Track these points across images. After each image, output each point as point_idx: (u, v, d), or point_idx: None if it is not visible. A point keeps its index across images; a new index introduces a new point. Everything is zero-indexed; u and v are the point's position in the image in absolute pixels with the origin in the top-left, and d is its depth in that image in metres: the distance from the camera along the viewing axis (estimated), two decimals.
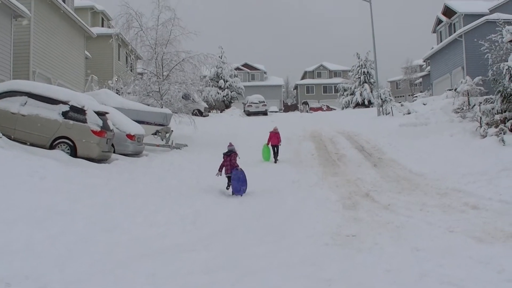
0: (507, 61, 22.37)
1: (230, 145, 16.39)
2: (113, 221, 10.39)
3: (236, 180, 15.26)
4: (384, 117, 36.79)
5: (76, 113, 17.21)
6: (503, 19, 33.24)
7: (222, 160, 16.06)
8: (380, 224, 10.85)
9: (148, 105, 26.74)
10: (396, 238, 9.59)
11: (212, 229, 10.75)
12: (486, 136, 21.06)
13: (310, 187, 16.17)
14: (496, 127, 21.12)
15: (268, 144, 23.32)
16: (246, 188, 15.29)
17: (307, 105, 66.76)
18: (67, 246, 8.45)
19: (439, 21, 47.05)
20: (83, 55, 33.84)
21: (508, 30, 23.33)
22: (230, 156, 15.92)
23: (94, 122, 17.33)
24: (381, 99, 38.75)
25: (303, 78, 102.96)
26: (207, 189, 15.49)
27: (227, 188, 15.76)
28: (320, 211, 12.49)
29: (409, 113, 34.71)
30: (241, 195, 14.99)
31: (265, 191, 15.55)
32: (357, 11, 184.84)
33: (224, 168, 15.90)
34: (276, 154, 22.92)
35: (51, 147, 16.91)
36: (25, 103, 17.01)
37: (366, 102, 59.82)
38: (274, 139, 23.18)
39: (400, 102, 44.21)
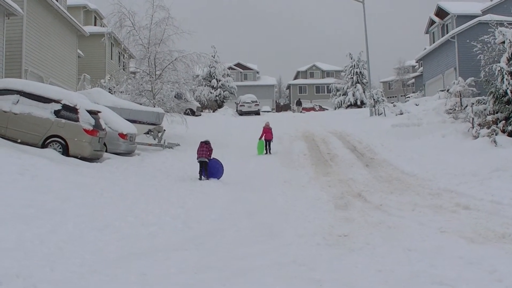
0: (499, 62, 22.43)
1: (206, 140, 18.19)
2: (104, 220, 10.35)
3: (214, 168, 17.46)
4: (377, 118, 36.84)
5: (68, 111, 17.15)
6: (496, 20, 33.27)
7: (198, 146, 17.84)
8: (372, 224, 10.86)
9: (141, 104, 26.67)
10: (388, 238, 9.59)
11: (203, 228, 10.73)
12: (478, 137, 21.14)
13: (302, 187, 16.18)
14: (488, 128, 21.20)
15: (261, 138, 24.92)
16: (221, 174, 17.50)
17: (300, 105, 66.39)
18: (58, 245, 8.40)
19: (432, 22, 47.14)
20: (75, 54, 33.71)
21: (501, 32, 23.36)
22: (207, 144, 17.77)
23: (86, 121, 17.26)
24: (374, 99, 38.81)
25: (295, 78, 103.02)
26: (199, 189, 15.47)
27: (200, 178, 17.14)
28: (311, 211, 12.50)
29: (401, 114, 34.77)
30: (218, 178, 17.26)
31: (256, 191, 15.55)
32: (350, 11, 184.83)
33: (197, 153, 17.65)
34: (269, 147, 24.87)
35: (43, 145, 16.85)
36: (17, 102, 16.92)
37: (358, 103, 59.89)
38: (269, 134, 24.92)
39: (392, 103, 44.24)
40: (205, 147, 17.58)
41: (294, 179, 17.60)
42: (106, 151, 19.37)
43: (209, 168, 17.50)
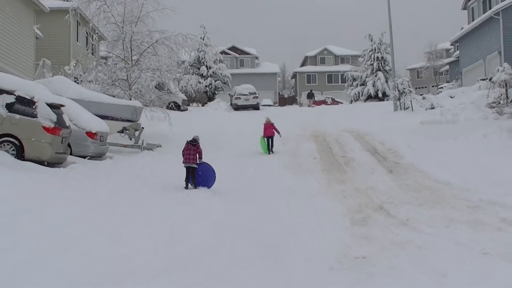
0: None
1: (195, 136, 18.09)
2: (69, 238, 10.30)
3: (203, 175, 17.52)
4: (402, 113, 36.85)
5: (23, 105, 17.09)
6: None
7: (184, 147, 17.76)
8: (397, 244, 10.81)
9: (114, 96, 26.64)
10: (417, 261, 9.55)
11: (190, 248, 10.68)
12: None
13: (311, 197, 16.15)
14: None
15: (263, 136, 25.95)
16: (213, 182, 17.43)
17: (312, 98, 65.89)
18: (11, 270, 8.35)
19: None
20: (32, 34, 33.61)
21: None
22: (195, 146, 17.56)
23: (46, 117, 17.21)
24: (399, 90, 38.82)
25: (303, 64, 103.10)
26: (186, 200, 15.43)
27: (186, 187, 17.21)
28: (323, 227, 12.46)
29: (432, 108, 34.79)
30: (208, 187, 17.26)
31: (255, 202, 15.50)
32: None
33: (183, 157, 17.57)
34: (271, 145, 25.65)
35: None
36: None
37: (380, 95, 59.93)
38: (269, 130, 25.66)
39: (421, 95, 44.28)
40: (192, 149, 17.49)
41: (301, 188, 17.55)
42: (70, 154, 19.33)
43: (198, 174, 17.45)
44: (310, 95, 66.82)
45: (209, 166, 17.63)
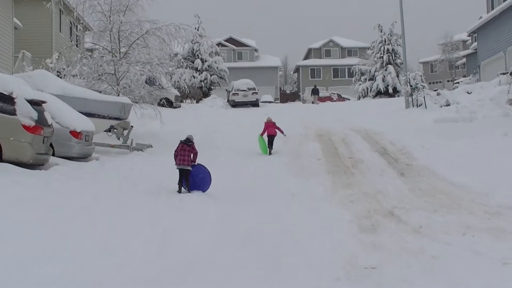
0: None
1: (189, 135, 17.98)
2: (52, 246, 10.29)
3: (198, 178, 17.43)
4: (415, 110, 36.87)
5: (1, 102, 17.07)
6: None
7: (177, 147, 17.64)
8: (409, 253, 10.84)
9: (100, 92, 26.63)
10: (431, 272, 9.58)
11: (184, 258, 10.67)
12: None
13: (315, 202, 16.18)
14: None
15: (262, 134, 25.74)
16: (208, 186, 17.39)
17: (317, 94, 65.64)
18: None
19: None
20: (10, 24, 33.59)
21: None
22: (190, 146, 17.46)
23: (26, 114, 17.20)
24: (411, 86, 38.84)
25: (306, 57, 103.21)
26: (179, 205, 15.43)
27: (179, 191, 17.19)
28: (328, 234, 12.49)
29: (448, 105, 34.81)
30: (203, 191, 17.21)
31: (255, 207, 15.49)
32: None
33: (177, 157, 17.42)
34: (271, 145, 25.79)
35: None
36: None
37: (390, 90, 60.01)
38: (271, 129, 25.82)
39: (436, 90, 44.30)
40: (187, 150, 17.38)
41: (304, 192, 17.58)
42: (53, 155, 19.31)
43: (192, 177, 17.40)
44: (315, 91, 66.41)
45: (204, 168, 17.54)
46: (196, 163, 17.57)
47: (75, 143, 20.26)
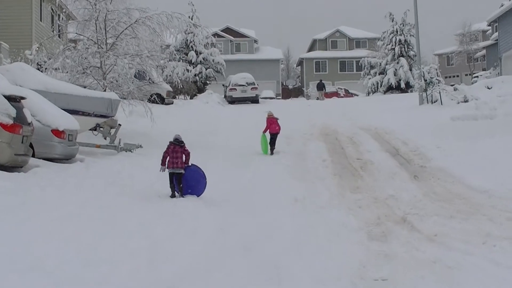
0: None
1: (177, 135, 17.89)
2: (31, 257, 10.26)
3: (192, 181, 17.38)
4: (430, 107, 36.88)
5: None
6: None
7: (167, 148, 17.58)
8: (423, 264, 10.83)
9: (85, 87, 26.61)
10: (447, 284, 9.56)
11: (177, 270, 10.65)
12: None
13: (320, 208, 16.17)
14: None
15: (265, 132, 25.77)
16: (203, 190, 17.33)
17: (322, 90, 65.40)
18: None
19: None
20: None
21: None
22: (182, 147, 17.42)
23: (3, 112, 17.17)
24: (425, 80, 38.84)
25: (311, 49, 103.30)
26: (172, 211, 15.40)
27: (173, 195, 17.18)
28: (334, 243, 12.48)
29: (466, 101, 34.79)
30: (198, 195, 17.18)
31: (255, 214, 15.48)
32: None
33: (168, 160, 17.37)
34: (273, 144, 25.84)
35: None
36: None
37: (402, 85, 60.01)
38: (274, 126, 25.78)
39: (452, 85, 44.33)
40: (179, 151, 17.35)
41: (309, 197, 17.58)
42: (33, 156, 19.28)
43: (186, 180, 17.35)
44: (320, 86, 66.12)
45: (199, 170, 17.50)
46: (189, 164, 17.54)
47: (57, 143, 20.20)
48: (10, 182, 15.63)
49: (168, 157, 17.35)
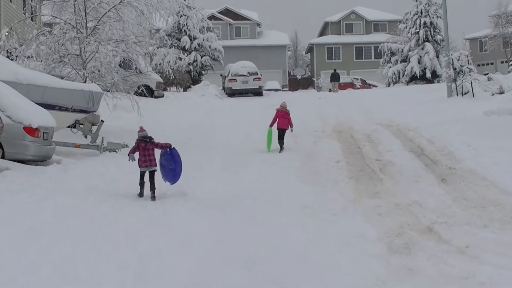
0: None
1: (142, 130, 18.29)
2: (2, 273, 10.31)
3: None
4: (459, 100, 36.91)
5: None
6: None
7: (136, 145, 18.11)
8: (452, 280, 10.86)
9: (63, 78, 26.65)
10: None
11: (168, 285, 10.70)
12: None
13: (333, 216, 16.18)
14: None
15: (272, 125, 25.99)
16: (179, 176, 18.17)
17: (337, 81, 65.22)
18: None
19: None
20: None
21: None
22: (152, 143, 17.94)
23: None
24: (454, 69, 38.83)
25: (322, 34, 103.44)
26: (162, 219, 15.43)
27: (141, 194, 17.82)
28: (349, 256, 12.51)
29: (501, 93, 34.79)
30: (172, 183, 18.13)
31: (257, 222, 15.48)
32: None
33: (139, 158, 18.02)
34: (281, 140, 26.07)
35: None
36: None
37: (428, 74, 60.06)
38: (283, 120, 25.87)
39: (486, 74, 44.31)
40: (151, 148, 17.97)
41: (319, 203, 17.58)
42: (2, 157, 19.34)
43: (168, 161, 18.22)
44: (334, 76, 65.58)
45: (175, 152, 18.30)
46: (172, 148, 18.24)
47: (30, 142, 20.23)
48: None
49: (140, 155, 17.90)
